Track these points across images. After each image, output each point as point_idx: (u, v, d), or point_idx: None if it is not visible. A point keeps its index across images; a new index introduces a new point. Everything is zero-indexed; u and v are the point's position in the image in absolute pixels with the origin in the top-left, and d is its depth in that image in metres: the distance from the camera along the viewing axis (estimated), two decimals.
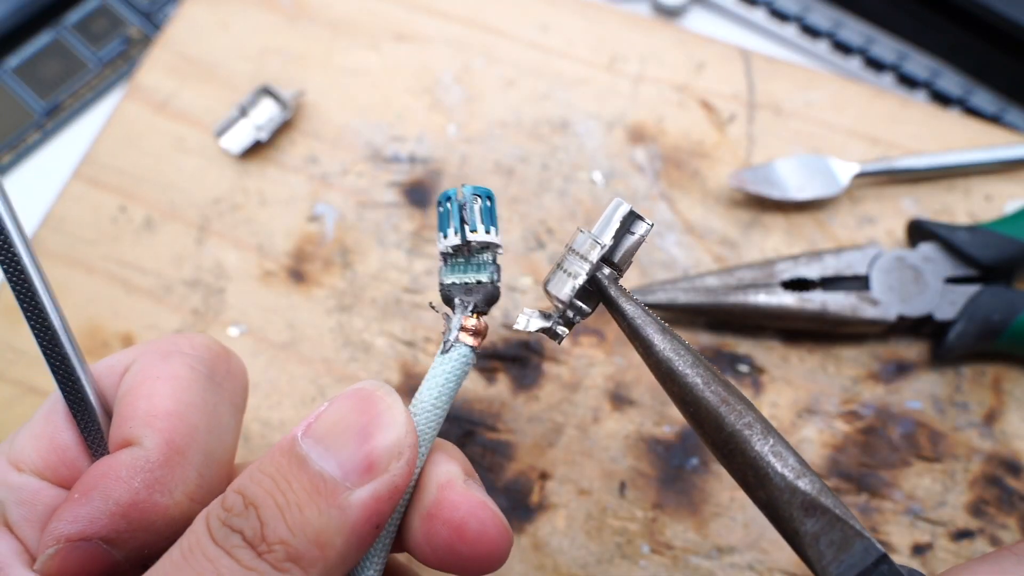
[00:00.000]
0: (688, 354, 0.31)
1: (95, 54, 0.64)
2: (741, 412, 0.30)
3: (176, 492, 0.32)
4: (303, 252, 0.55)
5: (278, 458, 0.29)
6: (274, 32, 0.61)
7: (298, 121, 0.58)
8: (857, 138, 0.57)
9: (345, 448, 0.29)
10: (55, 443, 0.34)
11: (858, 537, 0.28)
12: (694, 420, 0.31)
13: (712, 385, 0.30)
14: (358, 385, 0.31)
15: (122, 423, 0.33)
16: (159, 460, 0.32)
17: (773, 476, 0.29)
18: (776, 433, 0.30)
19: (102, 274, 0.55)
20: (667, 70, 0.59)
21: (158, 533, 0.32)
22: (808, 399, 0.51)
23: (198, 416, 0.33)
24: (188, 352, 0.35)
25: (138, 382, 0.34)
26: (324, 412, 0.30)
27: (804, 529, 0.29)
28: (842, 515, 0.28)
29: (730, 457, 0.30)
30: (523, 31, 0.61)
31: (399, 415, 0.30)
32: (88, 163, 0.58)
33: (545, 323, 0.33)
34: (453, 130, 0.58)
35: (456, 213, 0.32)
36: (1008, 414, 0.50)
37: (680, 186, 0.56)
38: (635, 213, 0.32)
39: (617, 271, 0.33)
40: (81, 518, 0.30)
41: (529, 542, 0.48)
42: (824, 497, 0.29)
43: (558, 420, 0.50)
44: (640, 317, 0.32)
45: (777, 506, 0.29)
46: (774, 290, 0.51)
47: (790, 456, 0.29)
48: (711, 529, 0.48)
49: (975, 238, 0.50)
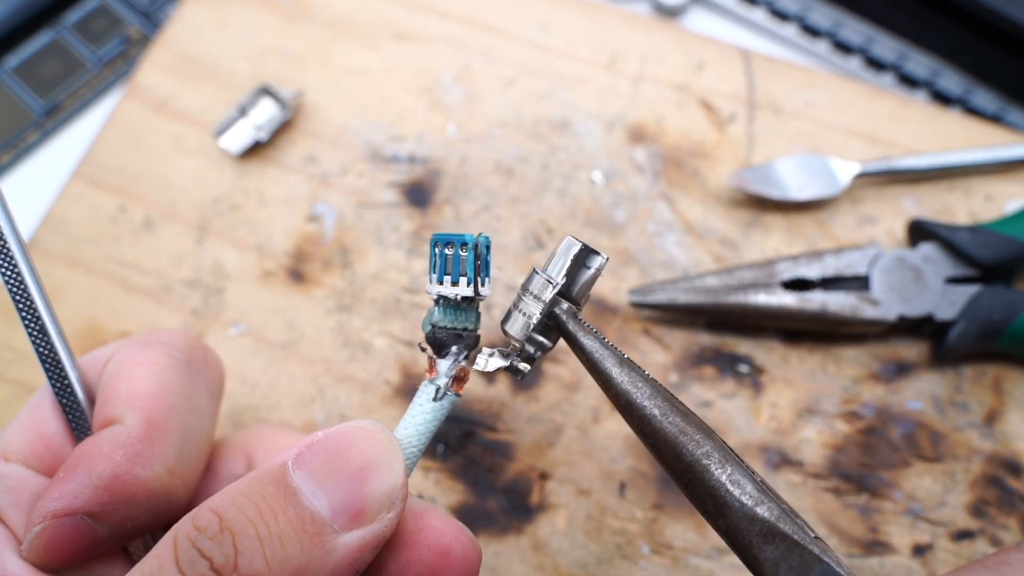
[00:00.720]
0: (646, 386, 0.31)
1: (94, 54, 0.64)
2: (699, 441, 0.30)
3: (156, 465, 0.33)
4: (303, 252, 0.55)
5: (266, 486, 0.28)
6: (274, 32, 0.61)
7: (298, 121, 0.58)
8: (857, 138, 0.57)
9: (339, 489, 0.28)
10: (41, 432, 0.35)
11: (817, 562, 0.28)
12: (654, 450, 0.31)
13: (670, 416, 0.31)
14: (359, 423, 0.30)
15: (104, 405, 0.34)
16: (139, 435, 0.33)
17: (732, 504, 0.29)
18: (735, 460, 0.30)
19: (101, 274, 0.55)
20: (667, 70, 0.59)
21: (140, 506, 0.33)
22: (808, 399, 0.51)
23: (176, 397, 0.34)
24: (166, 342, 0.36)
25: (119, 368, 0.35)
26: (318, 443, 0.29)
27: (764, 555, 0.29)
28: (801, 540, 0.28)
29: (690, 486, 0.30)
30: (523, 31, 0.61)
31: (397, 464, 0.30)
32: (87, 163, 0.58)
33: (504, 362, 0.33)
34: (453, 130, 0.58)
35: (471, 263, 0.32)
36: (1009, 414, 0.50)
37: (680, 186, 0.56)
38: (588, 248, 0.33)
39: (576, 305, 0.33)
40: (66, 494, 0.31)
41: (529, 542, 0.48)
42: (783, 523, 0.29)
43: (558, 420, 0.50)
44: (598, 351, 0.32)
45: (737, 533, 0.29)
46: (774, 290, 0.51)
47: (748, 484, 0.30)
48: (711, 530, 0.48)
49: (976, 238, 0.50)
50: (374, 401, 0.51)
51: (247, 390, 0.52)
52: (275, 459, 0.29)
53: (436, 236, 0.32)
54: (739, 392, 0.51)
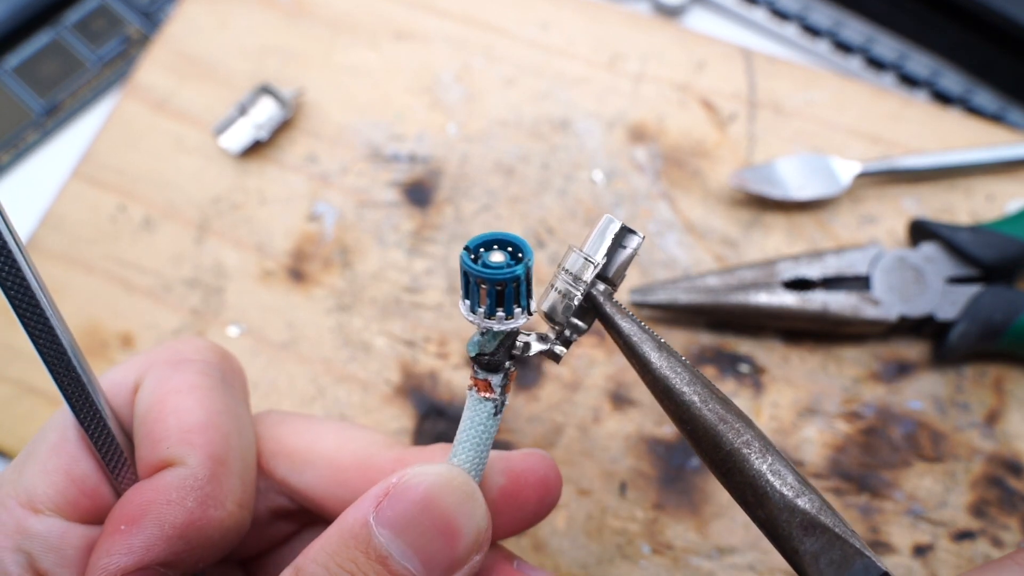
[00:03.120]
0: (685, 371, 0.31)
1: (94, 53, 0.64)
2: (739, 430, 0.30)
3: (228, 503, 0.31)
4: (303, 251, 0.55)
5: (354, 551, 0.27)
6: (273, 31, 0.61)
7: (298, 120, 0.58)
8: (858, 137, 0.57)
9: (429, 547, 0.28)
10: (72, 476, 0.32)
11: (858, 556, 0.28)
12: (692, 438, 0.31)
13: (710, 403, 0.30)
14: (436, 471, 0.29)
15: (155, 444, 0.31)
16: (207, 476, 0.31)
17: (772, 495, 0.29)
18: (775, 451, 0.30)
19: (101, 273, 0.55)
20: (668, 69, 0.59)
21: (215, 547, 0.31)
22: (809, 399, 0.51)
23: (227, 423, 0.33)
24: (195, 359, 0.34)
25: (158, 399, 0.32)
26: (399, 497, 0.28)
27: (804, 548, 0.28)
28: (842, 533, 0.28)
29: (729, 476, 0.30)
30: (523, 30, 0.61)
31: (480, 509, 0.29)
32: (87, 162, 0.57)
33: (543, 346, 0.33)
34: (453, 129, 0.58)
35: (524, 291, 0.30)
36: (1009, 414, 0.50)
37: (681, 185, 0.56)
38: (627, 228, 0.32)
39: (612, 286, 0.32)
40: (136, 548, 0.29)
41: (529, 542, 0.48)
42: (824, 516, 0.28)
43: (558, 420, 0.50)
44: (636, 334, 0.31)
45: (776, 525, 0.29)
46: (775, 290, 0.51)
47: (789, 474, 0.29)
48: (712, 529, 0.48)
49: (977, 238, 0.50)
50: (374, 401, 0.51)
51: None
52: (354, 510, 0.28)
53: (476, 272, 0.29)
54: (740, 392, 0.51)
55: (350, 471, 0.34)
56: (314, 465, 0.34)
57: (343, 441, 0.35)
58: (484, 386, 0.31)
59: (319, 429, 0.36)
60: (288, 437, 0.35)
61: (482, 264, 0.29)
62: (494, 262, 0.29)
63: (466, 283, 0.29)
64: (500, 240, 0.29)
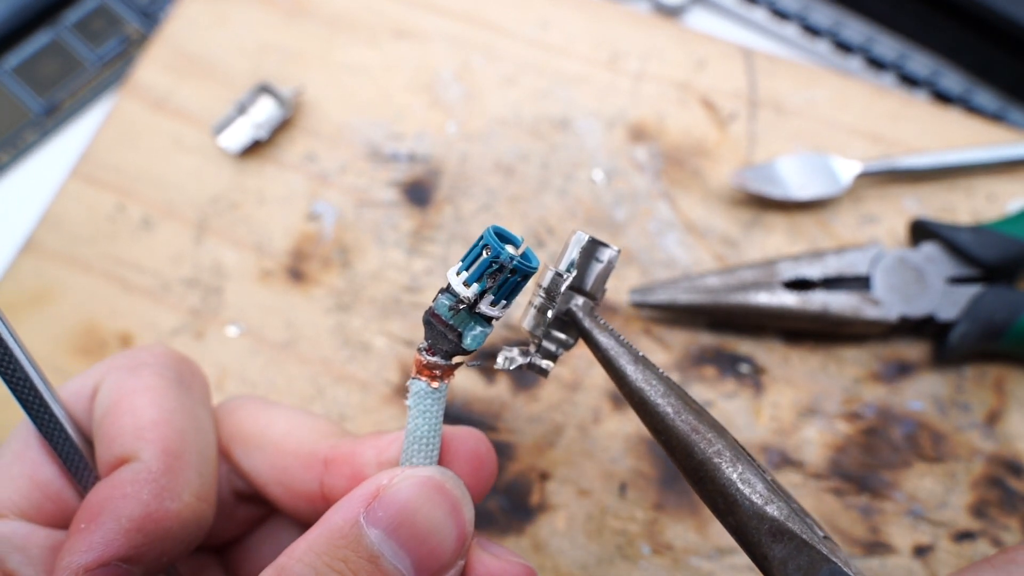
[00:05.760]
0: (660, 383, 0.32)
1: (94, 53, 0.64)
2: (711, 440, 0.31)
3: (184, 495, 0.32)
4: (302, 251, 0.55)
5: (345, 550, 0.28)
6: (273, 29, 0.61)
7: (297, 119, 0.58)
8: (859, 137, 0.57)
9: (419, 549, 0.28)
10: (36, 481, 0.33)
11: (825, 562, 0.29)
12: (667, 448, 0.32)
13: (683, 414, 0.31)
14: (425, 472, 0.30)
15: (111, 443, 0.32)
16: (161, 469, 0.31)
17: (742, 502, 0.30)
18: (747, 459, 0.31)
19: (100, 273, 0.54)
20: (668, 68, 0.59)
21: (175, 539, 0.32)
22: (809, 399, 0.51)
23: (182, 419, 0.33)
24: (152, 362, 0.35)
25: (114, 401, 0.33)
26: (389, 497, 0.29)
27: (772, 554, 0.29)
28: (809, 540, 0.29)
29: (701, 484, 0.31)
30: (523, 28, 0.61)
31: (468, 512, 0.30)
32: (86, 161, 0.57)
33: (523, 359, 0.33)
34: (453, 128, 0.58)
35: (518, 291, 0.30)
36: (1010, 415, 0.50)
37: (681, 185, 0.56)
38: (596, 241, 0.32)
39: (592, 299, 0.33)
40: (96, 544, 0.30)
41: (529, 543, 0.48)
42: (791, 523, 0.29)
43: (558, 420, 0.50)
44: (614, 348, 0.32)
45: (746, 531, 0.30)
46: (775, 290, 0.50)
47: (759, 483, 0.30)
48: (711, 530, 0.48)
49: (977, 238, 0.50)
50: (373, 401, 0.51)
51: (246, 390, 0.51)
52: (342, 511, 0.29)
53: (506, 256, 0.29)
54: (740, 392, 0.51)
55: (290, 457, 0.35)
56: (263, 450, 0.35)
57: (291, 428, 0.36)
58: (441, 374, 0.31)
59: (273, 415, 0.36)
60: (244, 421, 0.36)
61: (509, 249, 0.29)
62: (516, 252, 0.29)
63: (477, 258, 0.29)
64: (515, 242, 0.30)
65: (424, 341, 0.31)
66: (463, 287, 0.29)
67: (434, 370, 0.31)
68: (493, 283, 0.29)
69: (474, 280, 0.29)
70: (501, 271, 0.29)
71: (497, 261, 0.29)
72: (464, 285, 0.29)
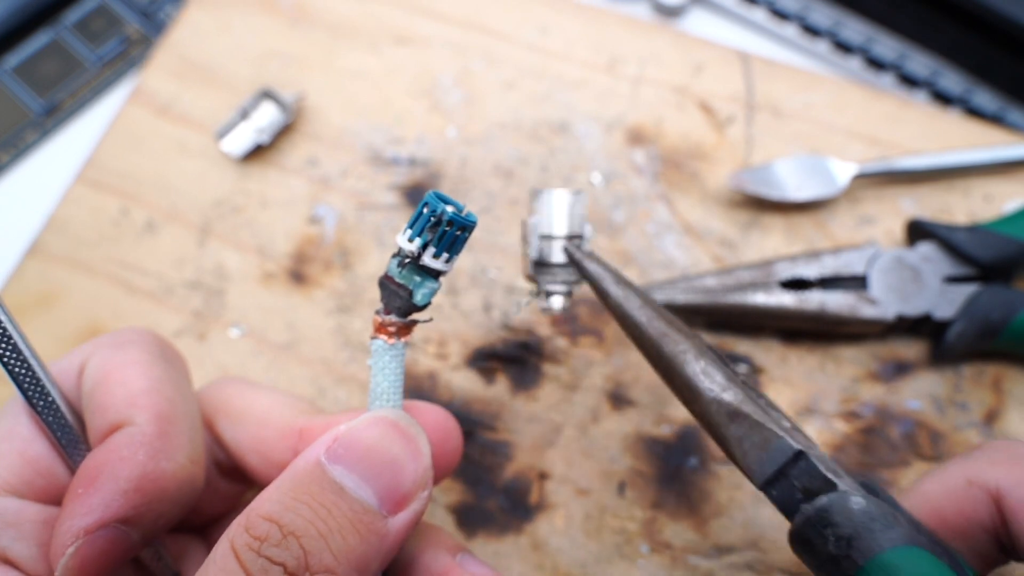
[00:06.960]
0: (637, 298, 0.37)
1: (94, 53, 0.64)
2: (678, 340, 0.36)
3: (179, 456, 0.33)
4: (303, 254, 0.55)
5: (310, 485, 0.29)
6: (275, 36, 0.62)
7: (299, 124, 0.59)
8: (856, 139, 0.57)
9: (380, 479, 0.30)
10: (26, 457, 0.33)
11: (776, 438, 0.33)
12: (643, 351, 0.37)
13: (654, 322, 0.37)
14: (380, 413, 0.32)
15: (103, 413, 0.33)
16: (155, 432, 0.32)
17: (703, 391, 0.35)
18: (712, 356, 0.35)
19: (104, 276, 0.55)
20: (666, 72, 0.60)
21: (172, 501, 0.32)
22: (807, 399, 0.51)
23: (171, 389, 0.34)
24: (136, 340, 0.36)
25: (104, 374, 0.34)
26: (349, 438, 0.30)
27: (730, 434, 0.34)
28: (761, 420, 0.33)
29: (670, 378, 0.36)
30: (522, 33, 0.61)
31: (425, 447, 0.31)
32: (91, 166, 0.58)
33: (543, 301, 0.40)
34: (453, 132, 0.58)
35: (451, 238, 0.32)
36: (1008, 413, 0.50)
37: (679, 187, 0.56)
38: (573, 192, 0.40)
39: (578, 238, 0.40)
40: (95, 507, 0.30)
41: (528, 542, 0.48)
42: (745, 406, 0.34)
43: (557, 420, 0.51)
44: (599, 272, 0.38)
45: (708, 416, 0.35)
46: (773, 290, 0.51)
47: (717, 374, 0.35)
48: (710, 528, 0.48)
49: (974, 237, 0.50)
50: None
51: None
52: (304, 456, 0.30)
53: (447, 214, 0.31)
54: None
55: (268, 430, 0.37)
56: (244, 423, 0.37)
57: (273, 406, 0.37)
58: (396, 331, 0.34)
59: (257, 394, 0.38)
60: (230, 398, 0.38)
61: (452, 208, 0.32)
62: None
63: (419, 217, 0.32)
64: (456, 205, 0.32)
65: (380, 303, 0.34)
66: (407, 243, 0.32)
67: (390, 327, 0.34)
68: (433, 235, 0.32)
69: (416, 235, 0.32)
70: (439, 224, 0.31)
71: (435, 215, 0.31)
72: (408, 242, 0.32)
